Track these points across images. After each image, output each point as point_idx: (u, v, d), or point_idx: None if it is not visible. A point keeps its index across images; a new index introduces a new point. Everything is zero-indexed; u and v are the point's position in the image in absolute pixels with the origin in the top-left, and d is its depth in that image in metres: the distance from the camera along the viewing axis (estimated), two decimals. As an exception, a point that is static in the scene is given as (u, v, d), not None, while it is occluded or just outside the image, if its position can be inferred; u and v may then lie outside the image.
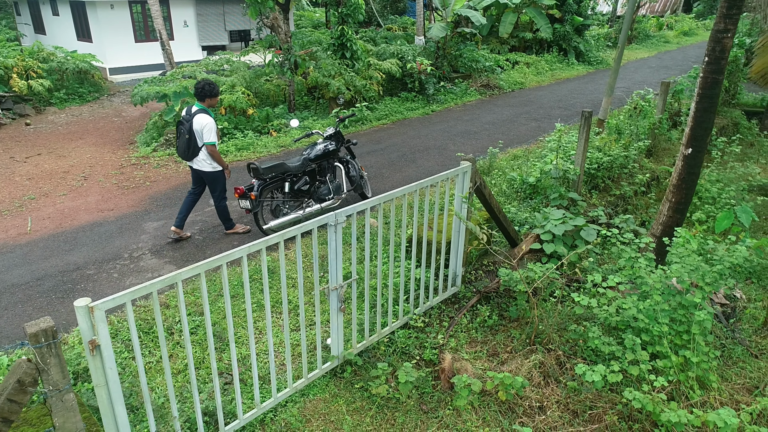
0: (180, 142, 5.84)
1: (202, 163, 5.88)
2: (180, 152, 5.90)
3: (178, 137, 5.88)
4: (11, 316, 4.79)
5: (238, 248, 3.22)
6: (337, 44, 12.13)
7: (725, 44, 4.83)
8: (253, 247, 3.29)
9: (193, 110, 5.79)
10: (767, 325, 5.10)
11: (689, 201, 5.56)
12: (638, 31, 23.74)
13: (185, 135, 5.73)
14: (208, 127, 5.74)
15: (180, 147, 5.86)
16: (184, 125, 5.75)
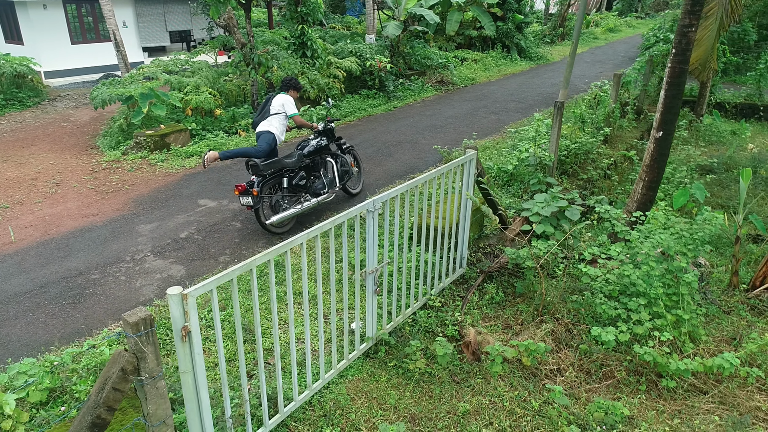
0: (258, 111, 6.92)
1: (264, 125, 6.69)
2: (254, 118, 6.88)
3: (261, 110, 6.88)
4: (25, 324, 4.67)
5: (298, 235, 3.39)
6: (297, 43, 12.19)
7: (690, 37, 5.43)
8: (311, 233, 3.45)
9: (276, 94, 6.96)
10: (731, 285, 5.74)
11: (660, 179, 6.16)
12: (569, 28, 25.10)
13: (266, 106, 6.83)
14: (288, 102, 6.81)
15: (256, 115, 6.90)
16: (268, 101, 6.85)
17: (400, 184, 7.79)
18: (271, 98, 6.85)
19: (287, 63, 11.74)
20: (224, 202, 7.18)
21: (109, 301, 5.01)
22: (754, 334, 4.59)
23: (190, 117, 10.00)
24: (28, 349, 4.36)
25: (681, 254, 4.95)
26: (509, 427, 3.87)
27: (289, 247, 3.33)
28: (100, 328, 4.64)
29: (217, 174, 8.19)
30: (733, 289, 5.68)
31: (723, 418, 3.97)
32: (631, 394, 4.22)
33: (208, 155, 6.23)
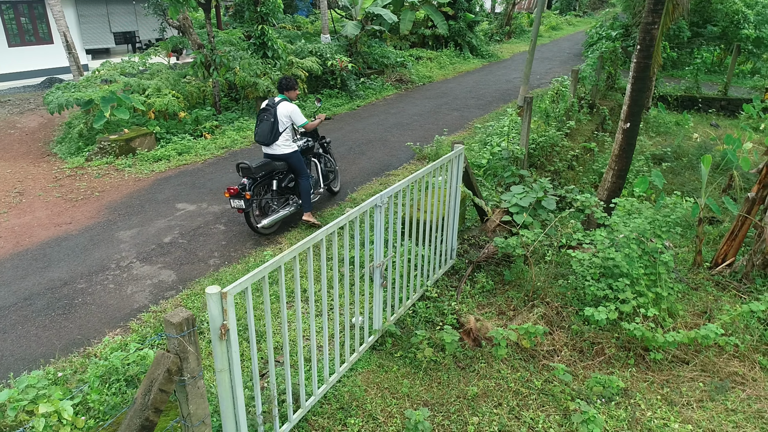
0: (262, 127, 6.17)
1: (280, 147, 6.23)
2: (261, 137, 6.19)
3: (260, 123, 6.21)
4: (16, 338, 4.49)
5: (318, 232, 3.46)
6: (258, 43, 12.07)
7: (653, 34, 5.83)
8: (329, 229, 3.53)
9: (276, 100, 6.26)
10: (696, 264, 6.19)
11: (628, 168, 6.57)
12: (515, 26, 25.95)
13: (270, 120, 6.14)
14: (296, 112, 6.27)
15: (262, 132, 6.17)
16: (269, 111, 6.18)
17: (377, 181, 7.93)
18: (273, 107, 6.20)
19: (248, 64, 11.62)
20: (203, 205, 7.08)
21: (101, 310, 4.88)
22: (726, 306, 5.01)
23: (153, 120, 9.75)
24: (25, 363, 4.21)
25: (656, 237, 5.32)
26: (517, 406, 4.07)
27: (311, 243, 3.40)
28: (98, 337, 4.53)
29: (191, 177, 8.05)
30: (697, 268, 6.13)
31: (706, 384, 4.32)
32: (622, 368, 4.51)
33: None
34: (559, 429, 3.88)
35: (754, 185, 5.69)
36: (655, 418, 4.01)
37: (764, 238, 5.68)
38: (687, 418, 4.02)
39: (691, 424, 3.96)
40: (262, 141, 6.19)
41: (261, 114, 6.26)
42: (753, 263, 5.78)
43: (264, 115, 6.22)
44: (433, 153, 8.79)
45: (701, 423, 3.98)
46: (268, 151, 6.28)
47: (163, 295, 5.15)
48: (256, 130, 6.25)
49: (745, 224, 5.82)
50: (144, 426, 2.51)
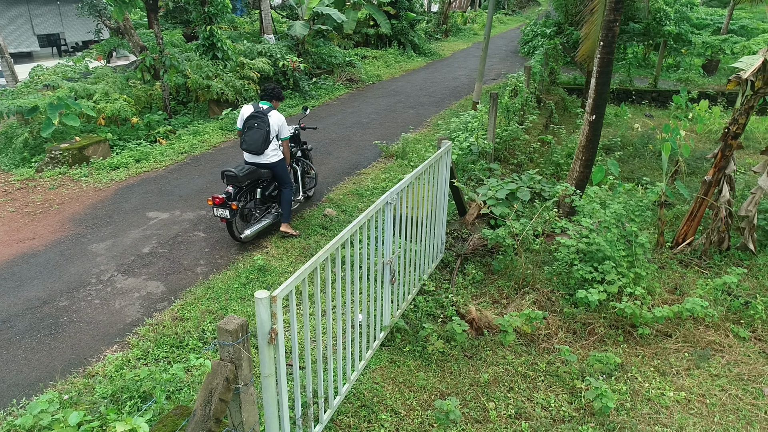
0: (254, 136, 5.92)
1: (269, 156, 6.06)
2: (252, 146, 5.93)
3: (248, 130, 5.96)
4: (4, 363, 4.19)
5: (345, 231, 3.47)
6: (207, 45, 11.73)
7: (615, 31, 6.20)
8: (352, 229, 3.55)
9: (264, 108, 6.04)
10: (659, 245, 6.65)
11: (594, 158, 6.94)
12: (451, 25, 26.56)
13: (264, 128, 5.91)
14: (285, 125, 6.16)
15: (254, 140, 5.92)
16: (261, 118, 5.94)
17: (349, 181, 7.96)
18: (264, 115, 5.95)
19: (198, 66, 11.27)
20: (176, 212, 6.84)
21: (92, 327, 4.64)
22: (700, 281, 5.44)
23: (104, 127, 9.27)
24: (20, 389, 3.94)
25: (630, 221, 5.70)
26: (527, 389, 4.26)
27: (340, 243, 3.41)
28: (95, 355, 4.31)
29: (155, 185, 7.75)
30: (660, 248, 6.58)
31: (690, 354, 4.69)
32: (614, 346, 4.81)
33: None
34: (570, 407, 4.10)
35: (710, 169, 6.18)
36: (652, 389, 4.32)
37: (720, 217, 6.20)
38: (679, 386, 4.36)
39: (684, 391, 4.29)
40: (254, 150, 5.92)
41: (250, 121, 5.96)
42: (710, 241, 6.29)
43: (255, 122, 5.94)
44: (400, 151, 8.91)
45: (692, 389, 4.32)
46: (255, 160, 6.05)
47: (155, 307, 4.96)
48: (245, 137, 5.97)
49: (702, 205, 6.32)
50: (207, 437, 2.46)
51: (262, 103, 6.17)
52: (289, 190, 6.30)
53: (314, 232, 6.39)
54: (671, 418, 4.03)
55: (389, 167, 8.48)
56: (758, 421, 4.02)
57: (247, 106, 6.15)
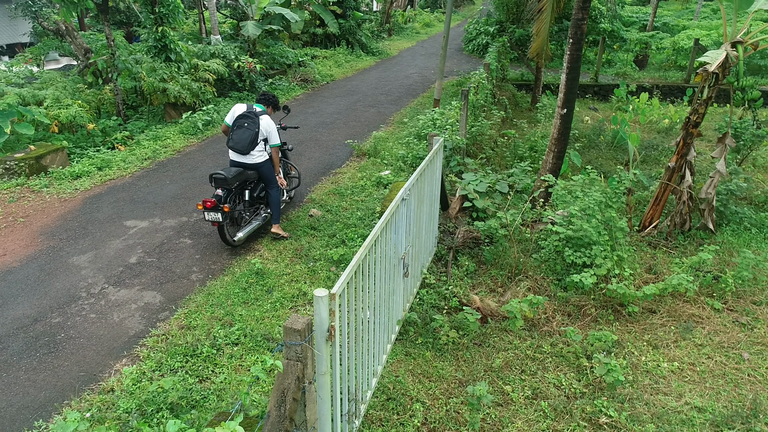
0: (242, 135, 5.86)
1: (255, 156, 5.99)
2: (239, 145, 5.87)
3: (237, 129, 5.90)
4: (5, 386, 3.95)
5: (375, 230, 3.52)
6: (159, 46, 11.32)
7: (583, 28, 6.55)
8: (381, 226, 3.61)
9: (257, 110, 6.01)
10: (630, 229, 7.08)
11: (566, 149, 7.30)
12: (393, 24, 26.82)
13: (253, 129, 5.87)
14: (275, 132, 6.10)
15: (242, 139, 5.86)
16: (251, 119, 5.89)
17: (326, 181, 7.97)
18: (256, 117, 5.91)
19: (152, 68, 10.88)
20: (155, 220, 6.62)
21: (93, 343, 4.45)
22: (676, 260, 5.88)
23: (59, 135, 8.79)
24: (31, 411, 3.74)
25: (608, 207, 6.06)
26: (538, 370, 4.48)
27: (374, 240, 3.46)
28: (105, 370, 4.14)
29: (125, 193, 7.45)
30: (629, 232, 7.03)
31: (675, 327, 5.08)
32: (607, 324, 5.13)
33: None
34: (579, 383, 4.35)
35: (673, 155, 6.66)
36: (648, 361, 4.65)
37: (683, 201, 6.70)
38: (671, 357, 4.71)
39: (676, 361, 4.65)
40: (241, 149, 5.85)
41: (240, 120, 5.90)
42: (675, 223, 6.79)
43: (245, 121, 5.89)
44: (372, 149, 8.99)
45: (683, 359, 4.69)
46: (241, 159, 5.96)
47: (156, 317, 4.81)
48: (233, 135, 5.89)
49: (666, 190, 6.80)
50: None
51: (257, 106, 6.13)
52: (276, 191, 6.26)
53: (304, 233, 6.37)
54: (669, 386, 4.36)
55: (363, 166, 8.54)
56: (744, 382, 4.42)
57: (240, 105, 6.11)
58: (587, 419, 3.97)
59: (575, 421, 3.95)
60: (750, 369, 4.60)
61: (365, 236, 6.20)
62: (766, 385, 4.39)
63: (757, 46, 5.64)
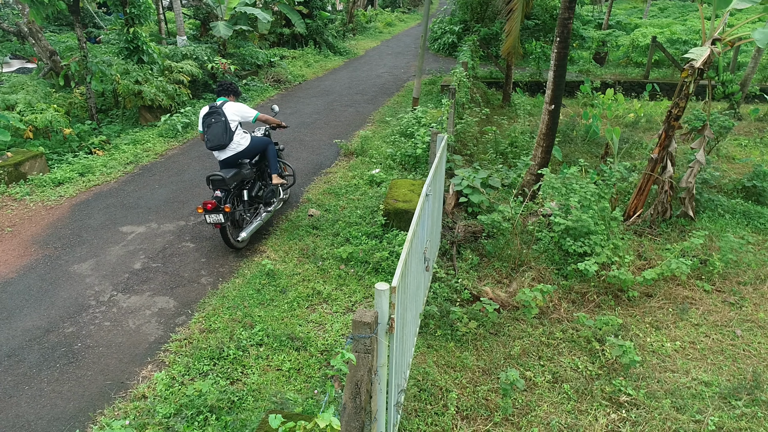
0: (214, 130, 5.86)
1: (237, 144, 5.99)
2: (215, 140, 5.85)
3: (208, 128, 5.89)
4: (30, 399, 3.84)
5: (411, 226, 3.61)
6: (131, 48, 11.03)
7: (569, 27, 6.82)
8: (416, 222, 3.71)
9: (218, 103, 6.02)
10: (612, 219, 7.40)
11: (553, 144, 7.57)
12: (357, 23, 26.86)
13: (220, 120, 5.86)
14: (243, 107, 6.09)
15: (216, 134, 5.85)
16: (216, 113, 5.90)
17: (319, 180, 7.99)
18: (219, 108, 5.93)
19: (126, 70, 10.59)
20: (152, 225, 6.49)
21: (113, 351, 4.37)
22: (668, 245, 6.20)
23: (35, 140, 8.47)
24: (63, 423, 3.66)
25: (601, 198, 6.35)
26: (555, 355, 4.68)
27: (413, 235, 3.55)
28: (132, 377, 4.08)
29: (114, 198, 7.26)
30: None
31: (672, 309, 5.38)
32: (609, 310, 5.39)
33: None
34: (594, 366, 4.57)
35: (655, 147, 7.01)
36: (653, 342, 4.92)
37: (665, 190, 7.07)
38: (673, 337, 5.00)
39: (678, 341, 4.94)
40: (218, 143, 5.83)
41: (207, 118, 5.92)
42: (658, 212, 7.16)
43: (211, 118, 5.91)
44: (359, 148, 9.05)
45: (684, 338, 4.99)
46: (227, 154, 5.94)
47: (174, 322, 4.75)
48: (207, 136, 5.87)
49: (649, 181, 7.15)
50: (362, 429, 2.53)
51: (219, 100, 6.18)
52: (272, 147, 6.45)
53: (307, 233, 6.39)
54: (676, 364, 4.64)
55: (353, 165, 8.60)
56: (741, 357, 4.75)
57: (204, 107, 6.12)
58: (608, 398, 4.19)
59: (597, 401, 4.16)
60: (744, 344, 4.93)
61: (369, 234, 6.29)
62: (761, 359, 4.72)
63: (733, 44, 6.03)
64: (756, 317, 5.30)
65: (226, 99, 6.15)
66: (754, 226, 7.25)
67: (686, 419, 4.00)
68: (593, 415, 4.02)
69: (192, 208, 6.99)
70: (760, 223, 7.29)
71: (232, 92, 6.24)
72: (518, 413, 4.03)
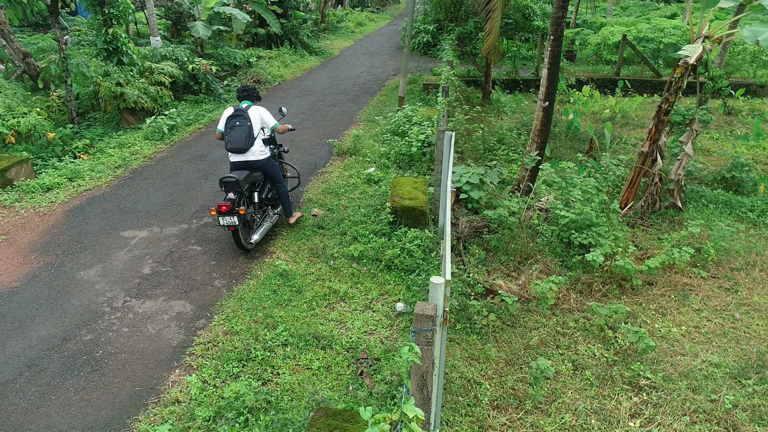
0: (237, 133, 5.84)
1: (255, 153, 5.98)
2: (237, 143, 5.84)
3: (231, 129, 5.87)
4: (59, 409, 3.75)
5: (447, 218, 3.68)
6: (111, 49, 10.75)
7: (562, 26, 7.00)
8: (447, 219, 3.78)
9: (243, 106, 6.03)
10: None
11: (547, 140, 7.76)
12: (328, 23, 26.77)
13: (245, 124, 5.85)
14: (267, 114, 6.14)
15: (238, 138, 5.84)
16: (241, 116, 5.90)
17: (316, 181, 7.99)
18: (244, 111, 5.92)
19: (106, 72, 10.32)
20: (154, 229, 6.38)
21: (137, 357, 4.30)
22: (665, 236, 6.45)
23: (17, 145, 8.19)
24: (97, 431, 3.59)
25: (599, 191, 6.55)
26: (571, 344, 4.83)
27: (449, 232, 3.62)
28: (162, 382, 4.03)
29: (110, 203, 7.09)
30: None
31: (674, 296, 5.61)
32: (615, 299, 5.58)
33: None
34: (609, 352, 4.74)
35: (646, 141, 7.27)
36: (661, 328, 5.13)
37: (655, 182, 7.35)
38: (678, 322, 5.23)
39: (683, 326, 5.16)
40: (239, 147, 5.82)
41: (231, 120, 5.91)
42: (648, 204, 7.43)
43: (236, 120, 5.89)
44: (352, 148, 9.08)
45: (688, 323, 5.21)
46: (242, 158, 5.92)
47: (194, 325, 4.70)
48: (228, 137, 5.85)
49: (640, 174, 7.42)
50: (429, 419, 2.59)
51: (243, 103, 6.18)
52: (284, 186, 6.36)
53: (313, 232, 6.40)
54: (684, 348, 4.85)
55: (348, 164, 8.62)
56: (743, 339, 5.00)
57: (229, 108, 6.12)
58: (628, 383, 4.35)
59: (618, 385, 4.32)
60: (744, 327, 5.18)
61: (377, 232, 6.34)
62: (761, 340, 4.98)
63: (720, 41, 6.31)
64: (751, 301, 5.57)
65: (251, 103, 6.16)
66: (736, 215, 7.59)
67: (703, 399, 4.19)
68: (617, 399, 4.18)
69: (191, 211, 6.90)
70: (742, 212, 7.64)
71: (256, 97, 6.30)
72: (545, 400, 4.16)
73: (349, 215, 6.75)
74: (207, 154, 9.06)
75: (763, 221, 7.33)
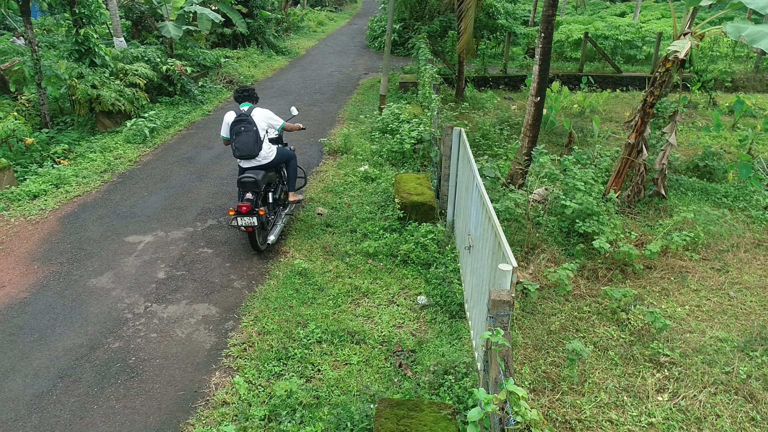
0: (244, 140, 5.72)
1: (264, 158, 5.92)
2: (245, 150, 5.74)
3: (237, 136, 5.73)
4: (105, 418, 3.65)
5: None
6: (82, 50, 10.37)
7: (552, 23, 7.26)
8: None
9: (245, 109, 5.88)
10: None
11: (538, 134, 8.02)
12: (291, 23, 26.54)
13: (251, 129, 5.73)
14: (272, 115, 6.06)
15: (246, 144, 5.72)
16: (245, 120, 5.75)
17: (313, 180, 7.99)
18: (248, 116, 5.79)
19: (80, 74, 9.96)
20: (159, 233, 6.24)
21: (173, 361, 4.23)
22: (655, 222, 6.79)
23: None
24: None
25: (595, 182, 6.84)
26: (589, 327, 5.05)
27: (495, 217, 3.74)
28: (205, 385, 3.99)
29: (106, 209, 6.88)
30: (596, 203, 7.91)
31: (673, 278, 5.94)
32: (620, 283, 5.86)
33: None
34: (623, 333, 4.99)
35: (632, 133, 7.63)
36: (667, 308, 5.43)
37: (641, 172, 7.71)
38: (681, 302, 5.54)
39: (687, 306, 5.48)
40: (248, 153, 5.74)
41: (236, 126, 5.77)
42: (635, 193, 7.79)
43: (241, 126, 5.76)
44: (342, 146, 9.10)
45: (690, 302, 5.54)
46: (253, 164, 5.86)
47: (223, 327, 4.66)
48: (236, 144, 5.74)
49: (626, 164, 7.77)
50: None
51: (243, 106, 6.03)
52: (295, 161, 6.50)
53: (322, 231, 6.41)
54: (691, 326, 5.16)
55: (341, 163, 8.65)
56: (740, 315, 5.35)
57: (230, 113, 5.98)
58: (649, 360, 4.60)
59: (641, 363, 4.56)
60: (740, 304, 5.55)
61: (387, 228, 6.41)
62: (757, 315, 5.34)
63: (702, 37, 6.71)
64: (742, 280, 5.96)
65: (251, 105, 6.01)
66: (712, 201, 8.06)
67: (718, 372, 4.48)
68: (642, 376, 4.41)
69: (193, 213, 6.78)
70: (717, 198, 8.12)
71: (255, 98, 6.14)
72: (577, 381, 4.34)
73: (355, 213, 6.80)
74: (195, 157, 8.89)
75: (737, 206, 7.82)
